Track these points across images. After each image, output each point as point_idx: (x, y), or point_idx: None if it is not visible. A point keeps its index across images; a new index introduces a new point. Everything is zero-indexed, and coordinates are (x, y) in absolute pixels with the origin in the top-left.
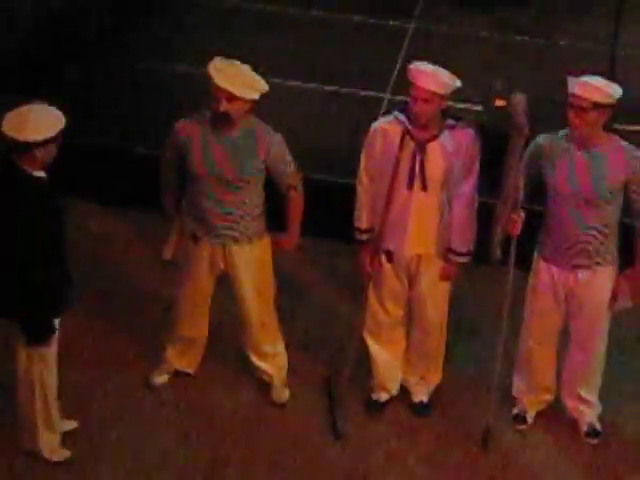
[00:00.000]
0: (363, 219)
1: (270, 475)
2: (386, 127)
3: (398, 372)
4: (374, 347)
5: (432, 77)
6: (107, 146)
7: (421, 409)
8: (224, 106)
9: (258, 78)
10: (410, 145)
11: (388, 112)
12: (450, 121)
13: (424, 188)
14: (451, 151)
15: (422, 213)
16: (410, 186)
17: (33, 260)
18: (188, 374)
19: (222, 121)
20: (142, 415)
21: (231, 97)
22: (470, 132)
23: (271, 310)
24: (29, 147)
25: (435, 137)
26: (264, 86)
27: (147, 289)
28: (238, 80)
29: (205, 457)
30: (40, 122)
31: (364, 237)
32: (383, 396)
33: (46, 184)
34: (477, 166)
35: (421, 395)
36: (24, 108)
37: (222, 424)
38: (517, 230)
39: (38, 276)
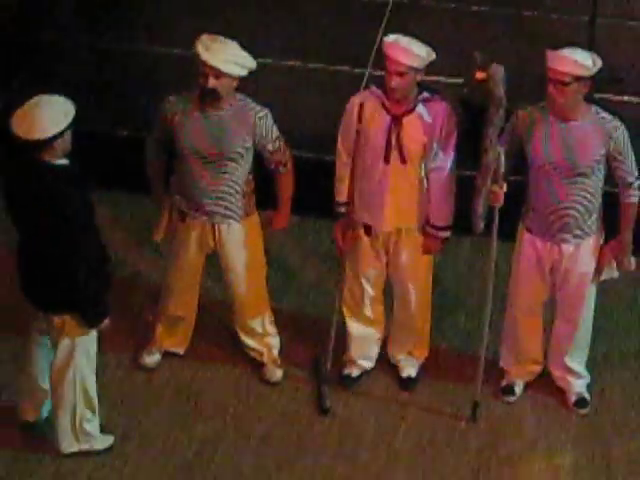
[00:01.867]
0: (342, 192)
1: (260, 452)
2: (362, 101)
3: (374, 348)
4: (350, 322)
5: (406, 50)
6: (88, 128)
7: (409, 384)
8: (212, 83)
9: (245, 55)
10: (386, 118)
11: (367, 87)
12: (425, 94)
13: (402, 161)
14: (427, 124)
15: (399, 187)
16: (387, 160)
17: (76, 246)
18: (177, 354)
19: (209, 98)
20: (132, 394)
21: (218, 74)
22: (446, 105)
23: (262, 288)
24: (45, 143)
25: (411, 110)
26: (252, 63)
27: (130, 271)
28: (225, 57)
29: (196, 435)
30: (49, 117)
31: (343, 209)
32: (355, 371)
33: (69, 169)
34: (454, 139)
35: (408, 370)
36: (30, 105)
37: (212, 402)
38: (499, 202)
39: (86, 260)
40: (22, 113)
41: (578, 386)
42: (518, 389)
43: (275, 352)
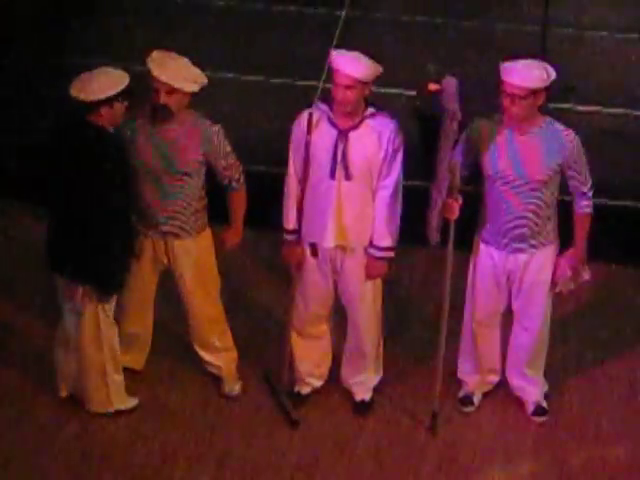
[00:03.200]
0: (291, 219)
1: (220, 468)
2: (308, 117)
3: (322, 367)
4: (296, 342)
5: (354, 63)
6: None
7: (362, 408)
8: (163, 99)
9: (197, 70)
10: (333, 133)
11: (322, 100)
12: (372, 109)
13: (347, 177)
14: (374, 140)
15: (345, 203)
16: (332, 175)
17: (111, 212)
18: (135, 371)
19: (161, 114)
20: (90, 411)
21: (170, 90)
22: (392, 122)
23: (217, 303)
24: (94, 106)
25: (357, 125)
26: (203, 79)
27: None
28: (178, 73)
29: (154, 454)
30: (101, 82)
31: (291, 237)
32: (305, 389)
33: (120, 139)
34: (400, 157)
35: (362, 394)
36: (89, 72)
37: (170, 419)
38: (454, 214)
39: (116, 228)
40: (82, 77)
41: (536, 395)
42: (476, 399)
43: (233, 366)
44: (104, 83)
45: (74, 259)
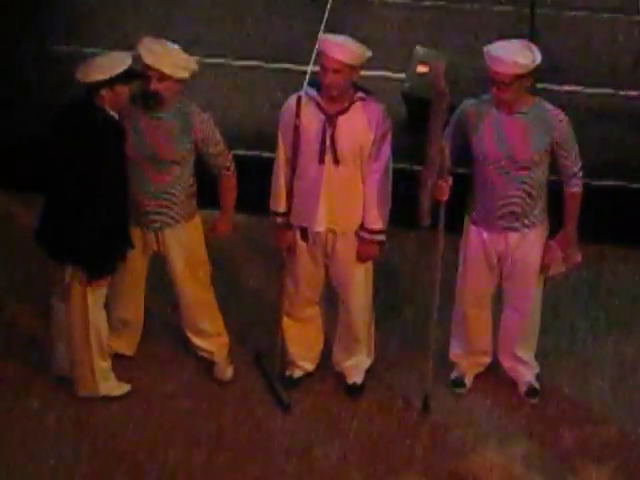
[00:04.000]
0: (280, 202)
1: (213, 452)
2: (297, 101)
3: (313, 350)
4: (288, 325)
5: (342, 47)
6: (20, 132)
7: (354, 391)
8: (155, 85)
9: (188, 57)
10: (321, 118)
11: (310, 84)
12: (360, 94)
13: (336, 162)
14: (362, 125)
15: (334, 188)
16: (321, 160)
17: (106, 195)
18: (127, 356)
19: (153, 101)
20: (82, 397)
21: (162, 76)
22: (381, 107)
23: (208, 289)
24: (94, 88)
25: (346, 110)
26: (194, 65)
27: None
28: (168, 59)
29: (147, 438)
30: (101, 64)
31: (280, 220)
32: (297, 372)
33: (114, 120)
34: (389, 142)
35: (354, 377)
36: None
37: (163, 404)
38: (445, 196)
39: (108, 212)
40: (87, 60)
41: (528, 376)
42: (468, 381)
43: (225, 351)
44: (104, 65)
45: (65, 240)
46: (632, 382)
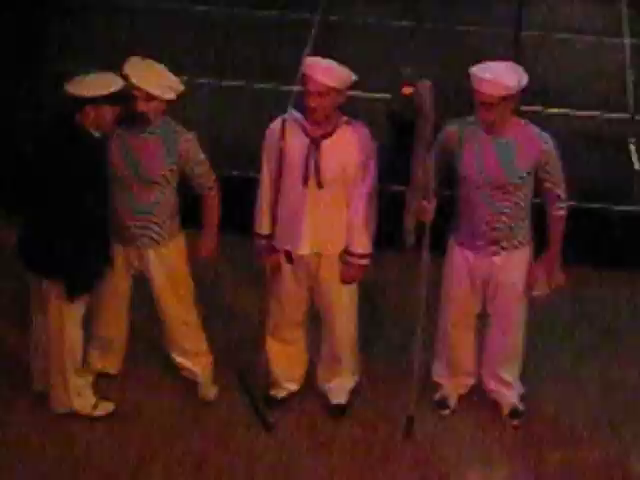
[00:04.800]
0: (264, 224)
1: (197, 472)
2: (281, 124)
3: (297, 371)
4: (271, 346)
5: (327, 70)
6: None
7: (338, 411)
8: (141, 106)
9: (174, 78)
10: (305, 141)
11: (295, 106)
12: (345, 118)
13: (319, 185)
14: (346, 148)
15: (318, 211)
16: (305, 183)
17: (82, 213)
18: (111, 375)
19: (138, 121)
20: (66, 416)
21: (148, 97)
22: (365, 132)
23: (190, 308)
24: (80, 103)
25: (330, 134)
26: (179, 85)
27: None
28: (155, 80)
29: (131, 457)
30: (93, 82)
31: (264, 242)
32: (280, 392)
33: (98, 142)
34: (373, 165)
35: (338, 397)
36: (88, 74)
37: (146, 424)
38: (429, 217)
39: (87, 229)
40: (79, 77)
41: (512, 397)
42: (452, 402)
43: (208, 371)
44: (96, 83)
45: (43, 255)
46: (616, 404)
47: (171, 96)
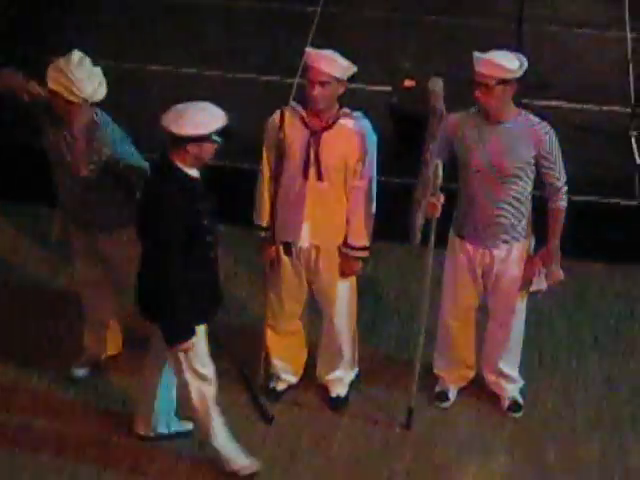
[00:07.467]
0: (263, 216)
1: (196, 463)
2: (280, 115)
3: (297, 363)
4: (271, 338)
5: (328, 60)
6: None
7: (338, 403)
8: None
9: (87, 81)
10: (305, 133)
11: (297, 100)
12: (346, 110)
13: (319, 177)
14: (346, 141)
15: (318, 203)
16: (305, 175)
17: (175, 259)
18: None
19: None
20: (64, 407)
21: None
22: (365, 124)
23: None
24: (181, 141)
25: (330, 126)
26: (85, 92)
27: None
28: (67, 81)
29: (131, 446)
30: (196, 118)
31: (264, 234)
32: (280, 385)
33: (198, 183)
34: (373, 158)
35: (337, 389)
36: (185, 104)
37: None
38: (437, 213)
39: (180, 277)
40: (175, 109)
41: (511, 390)
42: (452, 395)
43: None
44: (198, 119)
45: (144, 300)
46: (616, 398)
47: (76, 100)
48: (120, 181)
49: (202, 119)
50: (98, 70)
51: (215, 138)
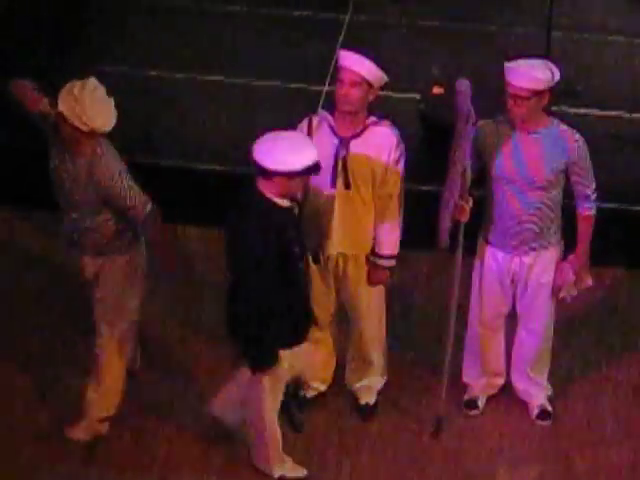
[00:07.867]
0: None
1: (225, 471)
2: (308, 123)
3: (326, 371)
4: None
5: (361, 61)
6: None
7: (366, 411)
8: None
9: (98, 112)
10: (334, 141)
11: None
12: (374, 118)
13: (347, 185)
14: (375, 149)
15: (346, 211)
16: (333, 183)
17: (262, 286)
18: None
19: (67, 145)
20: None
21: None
22: (394, 132)
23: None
24: (270, 175)
25: (359, 134)
26: (94, 122)
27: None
28: (79, 108)
29: (159, 457)
30: (288, 153)
31: None
32: (309, 392)
33: (287, 212)
34: (402, 166)
35: (366, 397)
36: (279, 134)
37: (174, 423)
38: (466, 217)
39: (265, 303)
40: (268, 139)
41: (541, 398)
42: (481, 403)
43: None
44: (290, 155)
45: (230, 325)
46: None
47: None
48: (117, 213)
49: (292, 155)
50: (110, 101)
51: (304, 174)
